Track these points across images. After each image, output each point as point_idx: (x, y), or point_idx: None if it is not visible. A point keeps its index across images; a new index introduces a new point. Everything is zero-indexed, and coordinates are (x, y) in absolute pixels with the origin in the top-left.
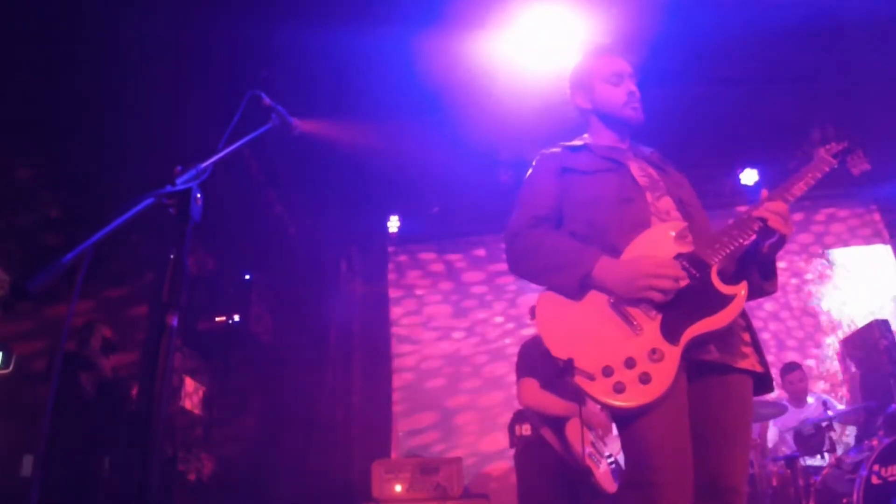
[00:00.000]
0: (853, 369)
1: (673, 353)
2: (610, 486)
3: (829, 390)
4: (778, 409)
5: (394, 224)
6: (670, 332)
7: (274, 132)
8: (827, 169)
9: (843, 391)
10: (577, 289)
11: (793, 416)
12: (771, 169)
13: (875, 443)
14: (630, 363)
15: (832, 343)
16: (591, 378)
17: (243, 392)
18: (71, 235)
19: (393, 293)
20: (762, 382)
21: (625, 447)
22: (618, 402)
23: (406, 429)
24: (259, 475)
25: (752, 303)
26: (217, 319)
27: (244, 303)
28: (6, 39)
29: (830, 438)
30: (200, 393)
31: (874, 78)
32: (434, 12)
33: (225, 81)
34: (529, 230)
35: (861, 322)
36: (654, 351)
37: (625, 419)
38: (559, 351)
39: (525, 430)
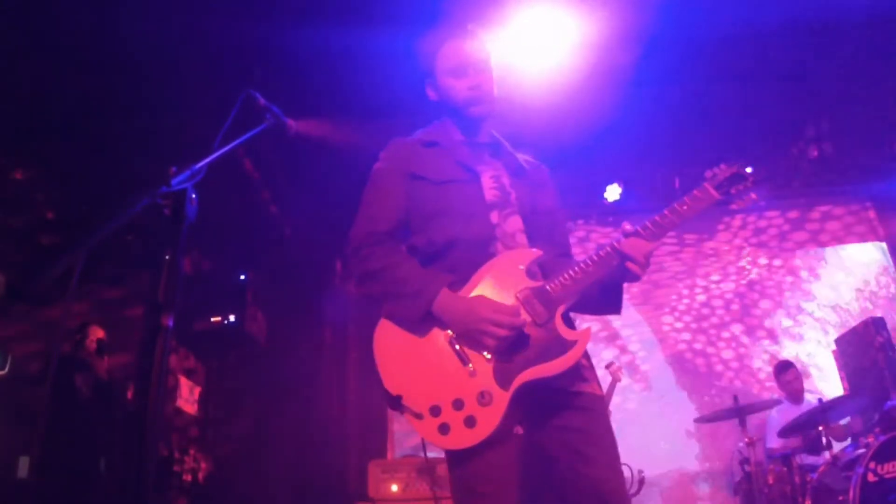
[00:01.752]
0: (848, 367)
1: (502, 398)
2: None
3: (824, 389)
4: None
5: None
6: (502, 377)
7: (269, 132)
8: (704, 205)
9: (839, 389)
10: (418, 321)
11: (789, 415)
12: (765, 166)
13: (871, 440)
14: (458, 405)
15: (827, 341)
16: (419, 417)
17: (239, 392)
18: (66, 237)
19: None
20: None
21: (453, 485)
22: (443, 444)
23: (402, 429)
24: (254, 475)
25: (748, 300)
26: (212, 320)
27: (239, 303)
28: (2, 40)
29: (827, 436)
30: (196, 393)
31: (869, 75)
32: (429, 11)
33: (220, 82)
34: (371, 248)
35: (856, 320)
36: (482, 394)
37: (453, 458)
38: (390, 384)
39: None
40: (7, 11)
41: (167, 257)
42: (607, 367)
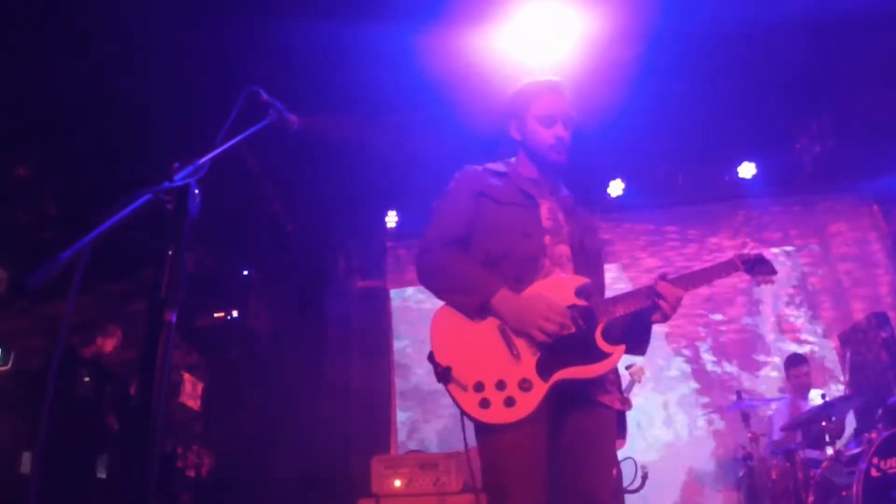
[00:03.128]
0: (851, 362)
1: (541, 387)
2: None
3: (827, 384)
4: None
5: (392, 219)
6: (544, 369)
7: (272, 128)
8: (732, 273)
9: (842, 384)
10: (475, 312)
11: (794, 410)
12: (769, 162)
13: (874, 435)
14: (501, 385)
15: (831, 336)
16: (464, 389)
17: (242, 388)
18: (69, 232)
19: (392, 288)
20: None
21: (481, 453)
22: (481, 417)
23: (405, 424)
24: (258, 471)
25: (752, 295)
26: (216, 315)
27: (243, 299)
28: (5, 37)
29: (830, 431)
30: (199, 389)
31: (871, 72)
32: (431, 7)
33: (223, 77)
34: (441, 248)
35: (859, 315)
36: (524, 380)
37: (485, 431)
38: (441, 357)
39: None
40: (8, 9)
41: (170, 253)
42: (628, 367)
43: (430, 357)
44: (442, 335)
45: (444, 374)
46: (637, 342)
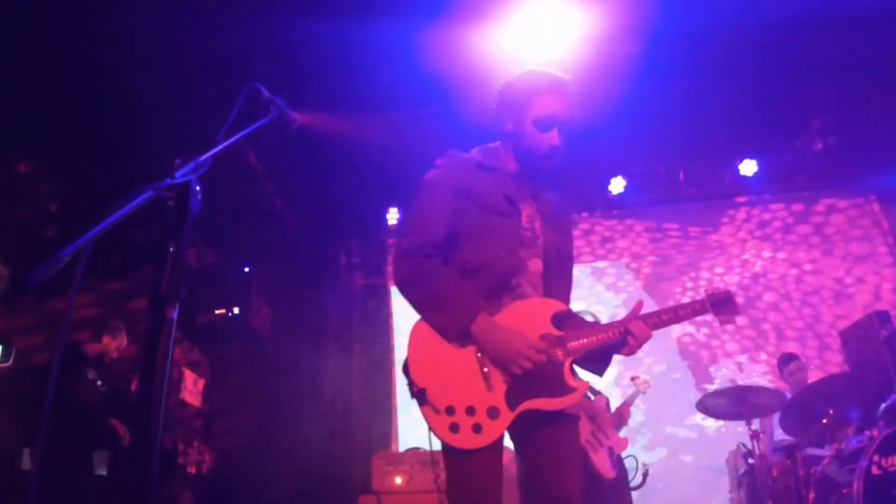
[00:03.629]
0: (852, 360)
1: (507, 416)
2: (607, 472)
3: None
4: (777, 398)
5: (393, 216)
6: (512, 399)
7: (273, 125)
8: (700, 312)
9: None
10: (454, 338)
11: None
12: (770, 159)
13: (875, 433)
14: (470, 411)
15: (832, 334)
16: (437, 412)
17: (243, 385)
18: (70, 229)
19: (393, 285)
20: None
21: (448, 469)
22: (450, 441)
23: (406, 421)
24: (259, 468)
25: (752, 293)
26: (217, 312)
27: (244, 295)
28: (6, 34)
29: (831, 429)
30: (200, 385)
31: (873, 68)
32: (433, 4)
33: (224, 74)
34: (423, 259)
35: (860, 313)
36: (493, 408)
37: (452, 452)
38: (418, 376)
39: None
40: (10, 6)
41: (171, 249)
42: (633, 378)
43: (406, 370)
44: (420, 351)
45: (419, 395)
46: (597, 365)
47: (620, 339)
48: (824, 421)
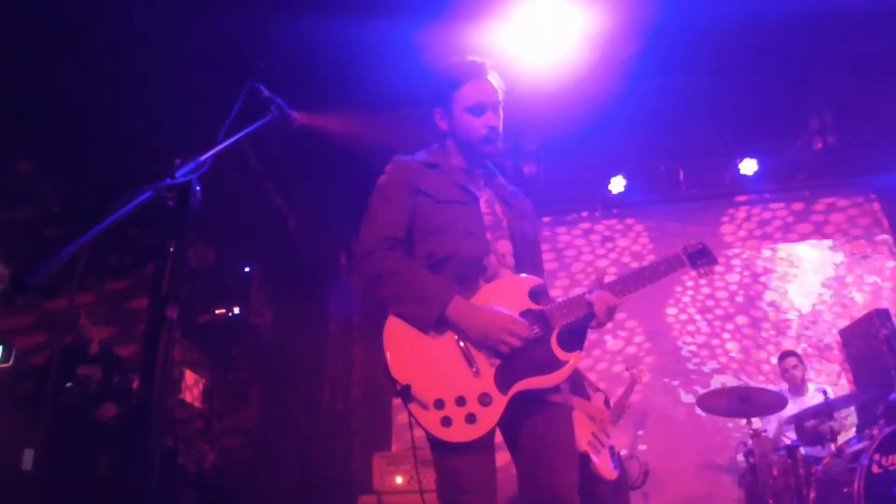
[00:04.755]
0: (853, 359)
1: (500, 401)
2: (609, 473)
3: (829, 380)
4: (777, 399)
5: None
6: (503, 382)
7: (273, 124)
8: (678, 268)
9: (844, 381)
10: (431, 325)
11: (793, 406)
12: (770, 158)
13: (875, 432)
14: (461, 401)
15: (832, 332)
16: (425, 407)
17: (243, 384)
18: (70, 229)
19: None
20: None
21: (438, 468)
22: (443, 436)
23: (407, 421)
24: (259, 468)
25: (753, 291)
26: (217, 312)
27: (244, 295)
28: (5, 33)
29: (831, 428)
30: (200, 385)
31: (874, 67)
32: (433, 3)
33: (224, 73)
34: (385, 252)
35: (860, 311)
36: (484, 395)
37: (443, 449)
38: (399, 374)
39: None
40: (9, 4)
41: (171, 249)
42: (629, 368)
43: (386, 371)
44: (398, 348)
45: (403, 393)
46: (573, 339)
47: (588, 313)
48: (826, 426)
